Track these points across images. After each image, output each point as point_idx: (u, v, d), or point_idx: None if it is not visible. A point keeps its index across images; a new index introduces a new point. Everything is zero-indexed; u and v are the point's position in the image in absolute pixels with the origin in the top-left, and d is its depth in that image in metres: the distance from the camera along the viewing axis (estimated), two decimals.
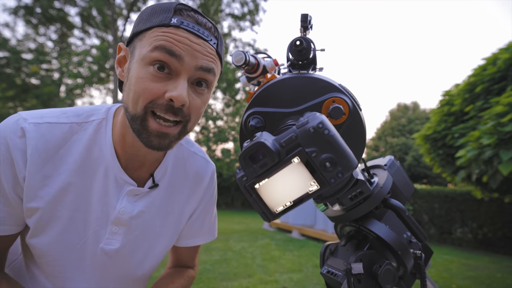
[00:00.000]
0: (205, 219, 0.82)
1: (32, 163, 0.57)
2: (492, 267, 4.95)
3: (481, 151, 3.42)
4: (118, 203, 0.64)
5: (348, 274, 0.42)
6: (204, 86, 0.58)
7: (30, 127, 0.57)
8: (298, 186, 0.33)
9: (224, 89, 14.87)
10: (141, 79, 0.54)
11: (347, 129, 0.44)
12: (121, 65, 0.62)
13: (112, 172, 0.64)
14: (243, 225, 8.92)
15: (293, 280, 3.82)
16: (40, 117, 0.60)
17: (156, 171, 0.69)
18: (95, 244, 0.64)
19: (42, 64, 11.89)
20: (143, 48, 0.54)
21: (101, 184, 0.63)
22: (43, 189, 0.59)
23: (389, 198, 0.50)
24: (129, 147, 0.63)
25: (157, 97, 0.54)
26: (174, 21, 0.54)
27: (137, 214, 0.66)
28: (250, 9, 13.54)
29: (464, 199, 6.95)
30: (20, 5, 11.27)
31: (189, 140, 0.79)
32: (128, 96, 0.56)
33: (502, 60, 3.85)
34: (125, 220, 0.65)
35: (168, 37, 0.53)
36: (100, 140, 0.63)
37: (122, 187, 0.65)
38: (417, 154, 17.17)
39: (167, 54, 0.53)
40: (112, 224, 0.64)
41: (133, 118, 0.56)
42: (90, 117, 0.64)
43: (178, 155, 0.75)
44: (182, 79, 0.54)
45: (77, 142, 0.61)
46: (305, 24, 0.46)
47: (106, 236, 0.65)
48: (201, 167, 0.78)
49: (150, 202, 0.69)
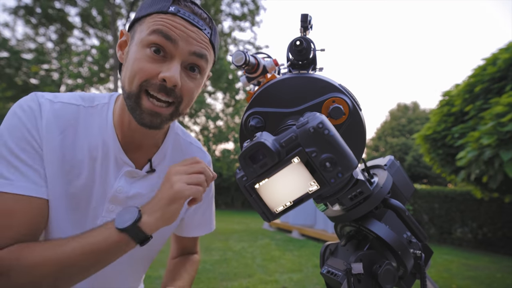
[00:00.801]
0: (206, 210, 0.86)
1: (48, 131, 0.61)
2: (492, 267, 4.95)
3: (481, 152, 3.42)
4: (116, 182, 0.67)
5: (348, 274, 0.42)
6: (197, 71, 0.63)
7: (46, 102, 0.62)
8: (298, 186, 0.33)
9: (224, 89, 14.87)
10: (138, 60, 0.58)
11: (347, 129, 0.44)
12: (122, 49, 0.66)
13: (113, 153, 0.67)
14: (243, 225, 8.91)
15: (293, 280, 3.82)
16: (54, 97, 0.65)
17: (154, 156, 0.73)
18: (93, 221, 0.67)
19: (42, 64, 11.88)
20: (142, 32, 0.59)
21: (102, 163, 0.66)
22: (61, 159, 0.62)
23: (389, 198, 0.50)
24: (126, 129, 0.67)
25: (151, 76, 0.58)
26: (172, 9, 0.58)
27: (133, 194, 0.69)
28: (250, 9, 13.53)
29: (464, 199, 6.95)
30: (20, 5, 11.26)
31: (185, 131, 0.83)
32: (125, 75, 0.61)
33: (502, 60, 3.85)
34: (121, 199, 0.68)
35: (165, 23, 0.57)
36: (102, 122, 0.67)
37: (121, 167, 0.68)
38: (417, 154, 17.18)
39: (163, 38, 0.57)
40: (109, 202, 0.67)
41: (129, 96, 0.60)
42: (94, 101, 0.68)
43: (176, 144, 0.78)
44: (176, 62, 0.59)
45: (84, 123, 0.66)
46: (305, 24, 0.46)
47: (103, 214, 0.67)
48: (197, 157, 0.80)
49: (146, 185, 0.71)
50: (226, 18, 13.87)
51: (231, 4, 13.52)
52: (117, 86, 12.49)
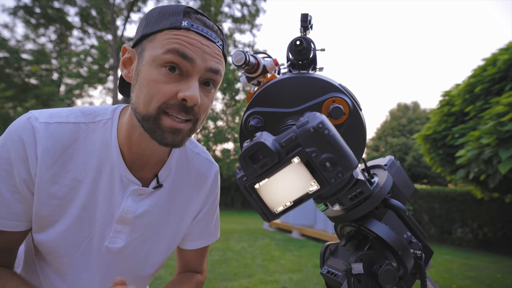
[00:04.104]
0: (209, 221, 0.83)
1: (43, 161, 0.59)
2: (492, 267, 4.95)
3: (481, 151, 3.42)
4: (123, 202, 0.65)
5: (348, 274, 0.42)
6: (212, 86, 0.61)
7: (40, 127, 0.59)
8: (298, 186, 0.33)
9: (224, 89, 14.87)
10: (153, 81, 0.55)
11: (347, 129, 0.44)
12: (126, 67, 0.62)
13: (118, 172, 0.65)
14: (243, 225, 8.91)
15: (293, 280, 3.82)
16: (50, 116, 0.62)
17: (161, 171, 0.70)
18: (101, 243, 0.66)
19: (41, 65, 11.87)
20: (155, 50, 0.56)
21: (107, 183, 0.64)
22: (53, 186, 0.61)
23: (389, 198, 0.50)
24: (135, 147, 0.65)
25: (170, 97, 0.56)
26: (185, 24, 0.56)
27: (141, 213, 0.67)
28: (250, 12, 13.51)
29: (464, 199, 6.95)
30: (19, 5, 11.25)
31: (192, 141, 0.80)
32: (138, 97, 0.58)
33: (502, 61, 3.85)
34: (130, 219, 0.66)
35: (181, 40, 0.55)
36: (106, 140, 0.65)
37: (127, 186, 0.66)
38: (417, 154, 17.18)
39: (180, 56, 0.55)
40: (117, 223, 0.66)
41: (145, 118, 0.57)
42: (97, 117, 0.66)
43: (182, 156, 0.76)
44: (194, 79, 0.57)
45: (84, 141, 0.63)
46: (305, 24, 0.46)
47: (110, 235, 0.66)
48: (204, 168, 0.79)
49: (154, 202, 0.70)
50: (226, 19, 13.85)
51: (231, 5, 13.50)
52: (116, 86, 12.50)
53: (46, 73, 12.55)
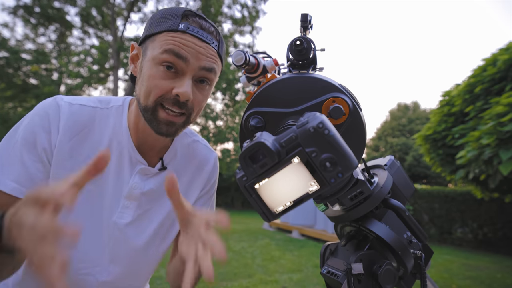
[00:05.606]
0: (206, 202, 0.87)
1: (63, 133, 0.66)
2: (492, 267, 4.95)
3: (481, 151, 3.42)
4: (131, 179, 0.72)
5: (348, 274, 0.42)
6: (206, 83, 0.68)
7: (65, 105, 0.68)
8: (298, 186, 0.33)
9: (224, 89, 14.86)
10: (152, 77, 0.63)
11: (347, 129, 0.44)
12: (134, 62, 0.72)
13: (127, 152, 0.72)
14: (243, 225, 8.91)
15: (293, 280, 3.82)
16: (73, 99, 0.71)
17: (165, 155, 0.77)
18: (109, 218, 0.70)
19: (41, 64, 11.86)
20: (154, 50, 0.63)
21: (117, 161, 0.71)
22: (68, 160, 0.67)
23: (389, 198, 0.50)
24: (140, 133, 0.72)
25: (166, 92, 0.63)
26: (181, 26, 0.63)
27: (147, 191, 0.74)
28: (250, 13, 13.48)
29: (464, 199, 6.95)
30: (19, 4, 11.24)
31: (192, 131, 0.88)
32: (140, 90, 0.66)
33: (501, 61, 3.85)
34: (137, 195, 0.72)
35: (176, 41, 0.62)
36: (117, 123, 0.73)
37: (135, 165, 0.73)
38: (417, 154, 17.17)
39: (175, 56, 0.61)
40: (125, 199, 0.71)
41: (145, 109, 0.65)
42: (110, 103, 0.74)
43: (183, 143, 0.83)
44: (187, 78, 0.63)
45: (99, 123, 0.71)
46: (305, 24, 0.46)
47: (119, 210, 0.71)
48: (204, 154, 0.86)
49: (159, 182, 0.76)
50: (226, 20, 13.84)
51: (231, 6, 13.48)
52: (116, 86, 12.48)
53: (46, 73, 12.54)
